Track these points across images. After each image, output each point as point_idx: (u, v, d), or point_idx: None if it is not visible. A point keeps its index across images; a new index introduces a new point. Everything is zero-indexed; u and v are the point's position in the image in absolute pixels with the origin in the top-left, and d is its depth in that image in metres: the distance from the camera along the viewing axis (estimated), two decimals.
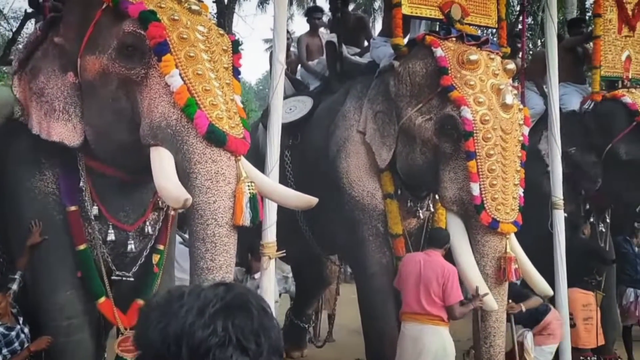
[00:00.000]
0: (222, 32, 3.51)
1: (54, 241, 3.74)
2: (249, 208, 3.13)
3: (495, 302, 4.33)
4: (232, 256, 3.22)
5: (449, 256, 4.74)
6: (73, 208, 3.74)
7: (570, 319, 5.03)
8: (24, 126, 3.62)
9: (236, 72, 3.53)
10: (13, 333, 3.57)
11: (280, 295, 6.97)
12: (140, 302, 3.85)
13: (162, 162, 3.18)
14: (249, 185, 3.15)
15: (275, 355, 1.02)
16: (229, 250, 3.17)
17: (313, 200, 3.65)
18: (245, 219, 3.13)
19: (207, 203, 3.11)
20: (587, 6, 14.08)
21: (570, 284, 5.18)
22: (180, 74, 3.16)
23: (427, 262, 4.38)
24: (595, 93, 6.14)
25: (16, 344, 3.56)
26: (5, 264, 4.03)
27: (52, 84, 3.55)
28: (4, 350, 3.43)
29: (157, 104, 3.21)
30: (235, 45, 3.56)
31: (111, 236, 3.81)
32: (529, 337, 5.05)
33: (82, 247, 3.76)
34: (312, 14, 6.89)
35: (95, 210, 3.76)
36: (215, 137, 3.12)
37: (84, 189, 3.73)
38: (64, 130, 3.51)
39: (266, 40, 27.37)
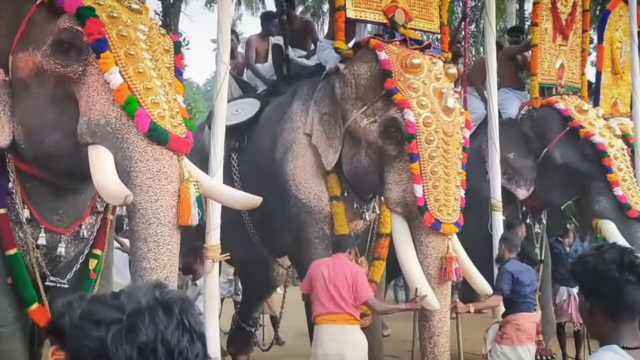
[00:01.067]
0: (163, 32, 3.45)
1: None
2: (197, 208, 3.09)
3: (437, 302, 4.39)
4: (175, 255, 3.16)
5: (393, 256, 4.82)
6: (2, 211, 3.54)
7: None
8: None
9: (178, 73, 3.46)
10: None
11: (223, 299, 6.90)
12: None
13: (101, 160, 3.09)
14: (195, 185, 3.11)
15: None
16: (172, 250, 3.11)
17: (258, 199, 3.65)
18: (194, 219, 3.09)
19: (148, 202, 3.03)
20: (526, 15, 14.60)
21: None
22: (120, 72, 3.08)
23: (334, 264, 4.45)
24: (535, 99, 6.39)
25: None
26: None
27: None
28: None
29: (96, 101, 3.11)
30: (177, 45, 3.50)
31: (42, 240, 3.64)
32: (491, 329, 5.08)
33: (11, 251, 3.57)
34: (270, 20, 6.80)
35: (26, 213, 3.58)
36: (157, 135, 3.04)
37: (13, 191, 3.55)
38: None
39: (214, 41, 27.02)
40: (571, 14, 6.58)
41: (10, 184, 3.54)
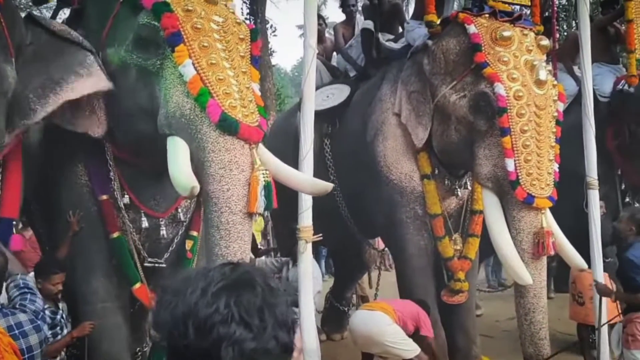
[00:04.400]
0: (239, 20, 3.52)
1: (89, 230, 3.90)
2: (263, 196, 3.16)
3: (530, 277, 4.27)
4: (247, 243, 3.24)
5: (485, 235, 4.78)
6: (104, 197, 3.85)
7: (580, 297, 4.83)
8: (52, 123, 3.69)
9: (254, 61, 3.53)
10: (58, 317, 3.66)
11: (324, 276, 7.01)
12: None
13: (176, 151, 3.23)
14: (263, 173, 3.17)
15: (282, 329, 1.06)
16: (243, 237, 3.18)
17: (328, 186, 3.71)
18: (260, 207, 3.16)
19: (220, 191, 3.13)
20: None
21: None
22: (193, 64, 3.19)
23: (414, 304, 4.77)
24: (632, 76, 6.06)
25: (57, 328, 3.64)
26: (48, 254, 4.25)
27: None
28: (49, 333, 3.38)
29: (172, 94, 3.25)
30: (254, 33, 3.55)
31: (144, 223, 3.92)
32: (615, 331, 4.52)
33: (115, 235, 3.88)
34: (347, 2, 6.94)
35: (125, 199, 3.86)
36: (227, 126, 3.13)
37: (113, 178, 3.84)
38: (88, 122, 3.62)
39: (300, 27, 27.55)
40: None
41: (111, 172, 3.83)
